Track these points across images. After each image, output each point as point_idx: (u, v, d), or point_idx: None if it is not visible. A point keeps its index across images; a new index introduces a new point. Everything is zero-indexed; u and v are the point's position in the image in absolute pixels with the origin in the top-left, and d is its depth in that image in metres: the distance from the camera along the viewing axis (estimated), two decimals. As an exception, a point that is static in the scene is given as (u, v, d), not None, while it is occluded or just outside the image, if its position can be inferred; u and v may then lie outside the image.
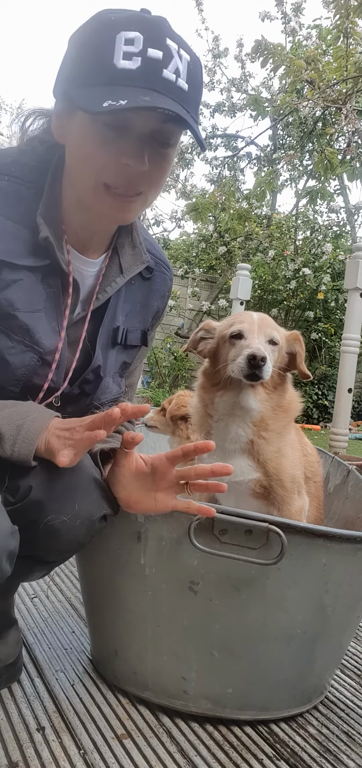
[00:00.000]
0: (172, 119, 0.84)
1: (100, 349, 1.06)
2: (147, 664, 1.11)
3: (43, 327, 0.96)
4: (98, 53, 0.82)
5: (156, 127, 0.86)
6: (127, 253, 1.07)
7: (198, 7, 7.69)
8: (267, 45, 5.13)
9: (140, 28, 0.80)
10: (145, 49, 0.80)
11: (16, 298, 0.93)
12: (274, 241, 7.80)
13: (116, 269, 1.06)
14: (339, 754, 1.06)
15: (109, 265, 1.05)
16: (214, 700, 1.08)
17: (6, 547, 0.88)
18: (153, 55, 0.80)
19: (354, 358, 4.10)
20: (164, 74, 0.81)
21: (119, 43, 0.80)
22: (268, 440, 1.31)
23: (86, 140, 0.87)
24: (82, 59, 0.84)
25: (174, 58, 0.82)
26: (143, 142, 0.86)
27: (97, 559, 1.15)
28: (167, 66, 0.81)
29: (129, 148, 0.85)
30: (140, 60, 0.80)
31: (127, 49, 0.80)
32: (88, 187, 0.90)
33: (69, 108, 0.89)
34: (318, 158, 5.87)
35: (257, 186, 6.47)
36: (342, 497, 1.59)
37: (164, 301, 1.18)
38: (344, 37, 4.88)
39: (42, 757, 0.96)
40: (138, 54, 0.80)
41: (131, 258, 1.07)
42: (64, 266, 0.97)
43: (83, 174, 0.90)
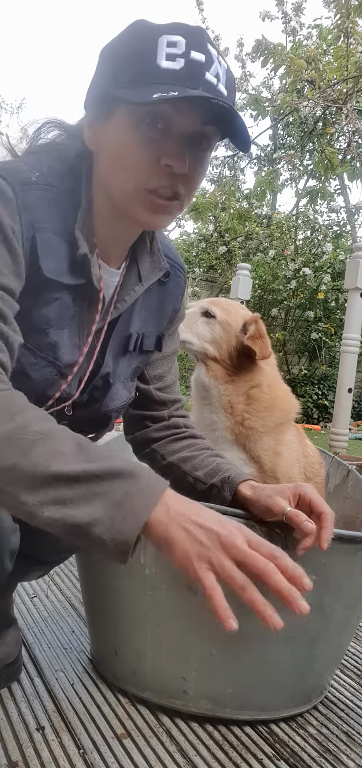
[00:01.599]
0: (212, 121, 0.84)
1: (111, 357, 1.04)
2: (147, 664, 1.11)
3: (65, 342, 0.95)
4: (141, 55, 0.81)
5: (197, 128, 0.85)
6: (145, 260, 1.05)
7: (199, 7, 7.68)
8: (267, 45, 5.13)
9: (181, 33, 0.81)
10: (188, 51, 0.80)
11: (52, 315, 0.92)
12: (274, 240, 7.80)
13: (135, 278, 1.04)
14: (338, 754, 1.06)
15: (128, 274, 1.03)
16: (214, 700, 1.08)
17: (8, 545, 0.88)
18: (196, 57, 0.80)
19: (354, 358, 4.10)
20: (206, 76, 0.81)
21: (162, 46, 0.80)
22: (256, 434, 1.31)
23: (126, 143, 0.86)
24: (123, 63, 0.83)
25: (215, 63, 0.82)
26: (184, 144, 0.85)
27: (97, 558, 1.15)
28: (209, 69, 0.81)
29: (170, 150, 0.84)
30: (183, 61, 0.80)
31: (170, 51, 0.80)
32: (127, 192, 0.88)
33: (106, 112, 0.87)
34: (319, 158, 5.87)
35: (257, 186, 6.46)
36: (342, 497, 1.59)
37: (178, 304, 1.16)
38: (344, 37, 4.88)
39: (42, 757, 0.96)
40: (181, 56, 0.80)
41: (150, 265, 1.05)
42: (95, 283, 0.95)
43: (122, 179, 0.88)
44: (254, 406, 1.31)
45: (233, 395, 1.30)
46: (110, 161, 0.89)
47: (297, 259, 7.30)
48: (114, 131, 0.87)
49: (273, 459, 1.31)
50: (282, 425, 1.36)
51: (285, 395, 1.39)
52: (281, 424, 1.36)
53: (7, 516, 0.89)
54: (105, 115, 0.88)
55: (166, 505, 0.72)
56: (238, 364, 1.35)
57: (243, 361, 1.34)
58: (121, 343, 1.06)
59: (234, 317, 1.37)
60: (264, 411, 1.32)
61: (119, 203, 0.91)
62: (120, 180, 0.89)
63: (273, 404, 1.34)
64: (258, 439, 1.31)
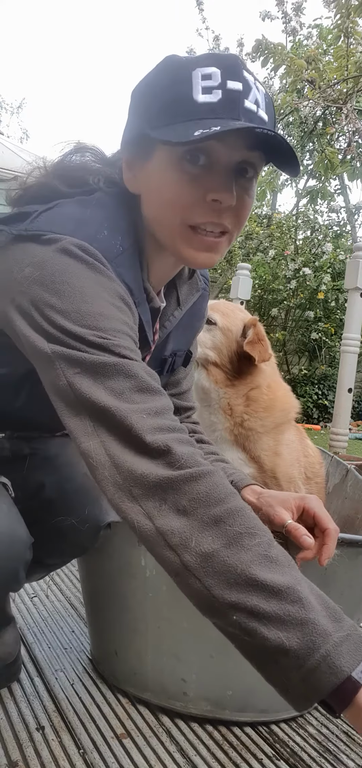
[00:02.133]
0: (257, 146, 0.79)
1: None
2: (147, 665, 1.11)
3: None
4: (175, 92, 0.77)
5: (242, 156, 0.80)
6: (184, 284, 1.02)
7: (199, 7, 7.67)
8: (267, 44, 5.13)
9: (215, 63, 0.76)
10: (224, 81, 0.75)
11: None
12: (274, 240, 7.79)
13: (174, 303, 1.00)
14: (338, 754, 1.06)
15: (167, 300, 1.00)
16: (214, 702, 1.08)
17: (24, 557, 0.88)
18: (233, 86, 0.75)
19: (354, 358, 4.10)
20: (246, 105, 0.76)
21: (196, 79, 0.75)
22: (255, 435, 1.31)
23: (168, 183, 0.80)
24: (158, 101, 0.79)
25: (253, 90, 0.78)
26: (230, 175, 0.80)
27: (98, 559, 1.15)
28: (247, 97, 0.77)
29: (216, 184, 0.78)
30: (220, 93, 0.75)
31: (206, 84, 0.75)
32: (174, 233, 0.83)
33: (144, 154, 0.83)
34: (319, 158, 5.87)
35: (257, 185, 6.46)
36: (341, 497, 1.59)
37: (204, 319, 1.14)
38: (344, 37, 4.88)
39: (42, 757, 0.96)
40: (217, 87, 0.75)
41: (188, 288, 1.02)
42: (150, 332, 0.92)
43: (167, 219, 0.83)
44: (253, 407, 1.31)
45: (233, 397, 1.30)
46: (154, 203, 0.85)
47: (297, 259, 7.29)
48: (155, 173, 0.82)
49: (273, 459, 1.31)
50: (282, 425, 1.36)
51: (284, 395, 1.39)
52: (280, 424, 1.36)
53: (24, 529, 0.89)
54: (143, 157, 0.83)
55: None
56: (239, 368, 1.36)
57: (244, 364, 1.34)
58: (156, 367, 1.02)
59: (234, 321, 1.37)
60: (264, 412, 1.32)
61: (166, 244, 0.87)
62: (166, 221, 0.84)
63: (272, 405, 1.34)
64: (258, 440, 1.31)
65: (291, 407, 1.40)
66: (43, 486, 0.91)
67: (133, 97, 0.85)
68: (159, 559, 0.66)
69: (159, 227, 0.85)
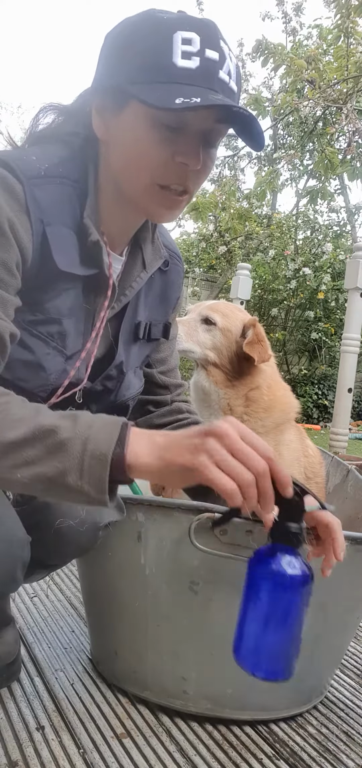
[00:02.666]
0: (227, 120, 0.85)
1: (123, 345, 1.04)
2: (146, 664, 1.11)
3: (73, 330, 0.95)
4: (155, 51, 0.80)
5: (210, 126, 0.85)
6: (148, 247, 1.06)
7: (199, 7, 7.67)
8: (267, 44, 5.13)
9: (195, 29, 0.80)
10: (203, 49, 0.80)
11: (63, 305, 0.92)
12: (274, 240, 7.80)
13: (139, 265, 1.04)
14: (338, 753, 1.06)
15: (132, 261, 1.04)
16: (214, 701, 1.08)
17: (21, 557, 0.88)
18: (210, 56, 0.80)
19: (354, 358, 4.10)
20: (220, 75, 0.81)
21: (177, 42, 0.79)
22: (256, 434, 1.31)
23: (139, 140, 0.85)
24: (137, 57, 0.82)
25: (227, 60, 0.82)
26: (198, 142, 0.85)
27: (98, 558, 1.15)
28: (222, 67, 0.82)
29: (186, 148, 0.84)
30: (199, 60, 0.80)
31: (185, 49, 0.79)
32: (141, 187, 0.89)
33: (118, 105, 0.86)
34: (319, 158, 5.87)
35: (257, 185, 6.46)
36: (342, 497, 1.59)
37: (180, 291, 1.17)
38: (345, 37, 4.88)
39: (41, 756, 0.96)
40: (196, 54, 0.80)
41: (152, 253, 1.06)
42: (106, 270, 0.95)
43: (136, 173, 0.88)
44: (253, 408, 1.31)
45: (232, 398, 1.31)
46: (123, 156, 0.89)
47: (297, 259, 7.29)
48: (128, 127, 0.86)
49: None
50: (282, 425, 1.36)
51: (284, 395, 1.38)
52: (280, 424, 1.35)
53: (21, 528, 0.89)
54: (117, 107, 0.87)
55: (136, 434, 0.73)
56: (238, 368, 1.36)
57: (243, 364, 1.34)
58: (131, 331, 1.06)
59: (234, 322, 1.37)
60: (264, 412, 1.32)
61: (131, 197, 0.92)
62: (134, 175, 0.89)
63: (272, 405, 1.34)
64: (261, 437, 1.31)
65: (291, 407, 1.39)
66: None
67: (108, 44, 0.87)
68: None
69: (125, 179, 0.90)
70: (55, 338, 0.93)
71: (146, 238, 1.05)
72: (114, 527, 1.05)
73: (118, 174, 0.91)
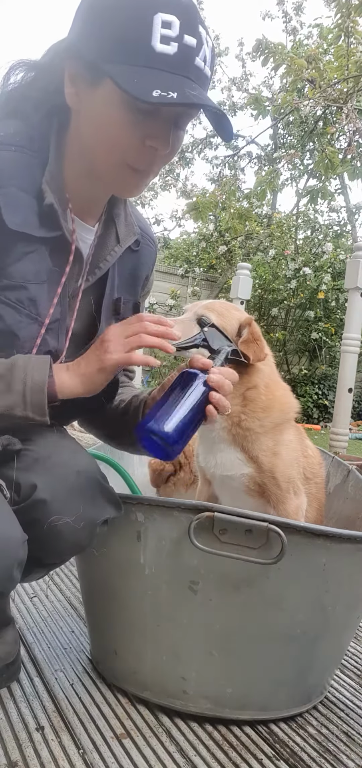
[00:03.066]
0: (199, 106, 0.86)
1: (105, 320, 1.06)
2: (146, 664, 1.10)
3: (44, 297, 0.97)
4: (135, 31, 0.81)
5: (181, 112, 0.88)
6: (122, 223, 1.08)
7: (199, 6, 7.68)
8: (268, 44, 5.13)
9: (176, 12, 0.81)
10: (182, 35, 0.81)
11: (28, 270, 0.93)
12: (275, 240, 7.79)
13: (113, 238, 1.06)
14: (338, 754, 1.06)
15: (107, 234, 1.06)
16: (214, 700, 1.08)
17: (17, 557, 0.88)
18: (188, 42, 0.82)
19: (355, 358, 4.09)
20: (196, 62, 0.83)
21: (157, 25, 0.80)
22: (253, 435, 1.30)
23: (112, 121, 0.87)
24: (116, 34, 0.82)
25: (203, 46, 0.84)
26: (170, 127, 0.88)
27: (97, 558, 1.15)
28: (199, 54, 0.83)
29: (156, 132, 0.87)
30: (177, 46, 0.81)
31: (165, 33, 0.80)
32: (110, 164, 0.92)
33: (92, 79, 0.87)
34: (319, 157, 5.86)
35: (258, 185, 6.46)
36: (342, 497, 1.59)
37: (151, 270, 1.19)
38: (345, 36, 4.88)
39: (41, 757, 0.96)
40: (175, 39, 0.81)
41: (125, 228, 1.08)
42: (67, 235, 0.97)
43: (106, 152, 0.91)
44: (251, 407, 1.30)
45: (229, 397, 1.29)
46: (94, 132, 0.91)
47: (298, 258, 7.29)
48: (101, 104, 0.88)
49: (272, 459, 1.31)
50: (281, 425, 1.35)
51: (282, 395, 1.37)
52: (279, 424, 1.34)
53: (17, 527, 0.89)
54: (91, 81, 0.88)
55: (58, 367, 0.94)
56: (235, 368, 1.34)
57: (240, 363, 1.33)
58: (110, 306, 1.09)
59: (230, 321, 1.35)
60: (262, 412, 1.31)
61: (98, 171, 0.94)
62: (103, 154, 0.91)
63: (270, 405, 1.32)
64: (256, 440, 1.30)
65: (290, 407, 1.38)
66: (35, 487, 0.91)
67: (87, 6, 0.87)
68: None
69: (95, 155, 0.93)
70: (26, 305, 0.94)
71: (119, 215, 1.08)
72: (112, 526, 1.05)
73: (87, 147, 0.93)
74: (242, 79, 8.01)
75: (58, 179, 0.95)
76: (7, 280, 0.92)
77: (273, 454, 1.31)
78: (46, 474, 0.92)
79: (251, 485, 1.31)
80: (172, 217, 8.40)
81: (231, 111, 8.45)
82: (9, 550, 0.87)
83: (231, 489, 1.33)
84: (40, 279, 0.95)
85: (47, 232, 0.94)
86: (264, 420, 1.31)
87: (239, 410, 1.29)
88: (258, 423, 1.30)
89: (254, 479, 1.30)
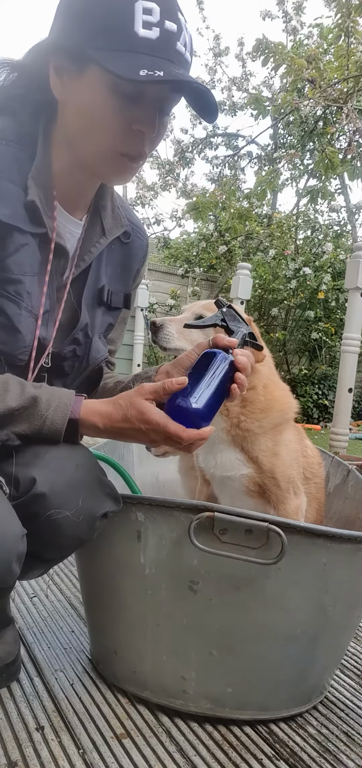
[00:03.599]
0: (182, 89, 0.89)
1: (86, 309, 1.08)
2: (146, 664, 1.10)
3: (36, 290, 0.98)
4: (117, 17, 0.83)
5: (166, 95, 0.90)
6: (108, 215, 1.09)
7: (199, 6, 7.68)
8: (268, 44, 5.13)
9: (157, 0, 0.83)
10: (163, 20, 0.83)
11: (24, 262, 0.95)
12: (275, 240, 7.79)
13: (99, 230, 1.08)
14: (338, 754, 1.06)
15: (92, 226, 1.07)
16: (214, 700, 1.08)
17: (16, 550, 0.88)
18: (169, 27, 0.84)
19: (355, 358, 4.09)
20: (177, 47, 0.86)
21: (138, 12, 0.82)
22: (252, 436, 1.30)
23: (98, 107, 0.89)
24: (99, 22, 0.84)
25: (183, 32, 0.86)
26: (155, 110, 0.90)
27: (97, 558, 1.15)
28: (179, 39, 0.86)
29: (142, 116, 0.89)
30: (159, 31, 0.83)
31: (146, 19, 0.83)
32: (100, 152, 0.93)
33: (77, 68, 0.89)
34: (319, 157, 5.86)
35: (258, 185, 6.46)
36: (342, 497, 1.59)
37: (142, 263, 1.21)
38: (345, 36, 4.88)
39: (41, 757, 0.96)
40: (156, 24, 0.83)
41: (112, 221, 1.10)
42: (49, 232, 0.98)
43: (94, 139, 0.92)
44: (249, 408, 1.30)
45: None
46: (81, 119, 0.92)
47: (298, 258, 7.29)
48: (87, 91, 0.89)
49: (271, 460, 1.31)
50: (280, 426, 1.35)
51: (281, 395, 1.37)
52: (278, 424, 1.34)
53: (16, 521, 0.90)
54: (76, 70, 0.89)
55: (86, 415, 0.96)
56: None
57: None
58: (94, 295, 1.10)
59: None
60: (260, 413, 1.31)
61: (87, 160, 0.95)
62: (91, 141, 0.92)
63: (269, 405, 1.32)
64: (255, 441, 1.30)
65: (288, 407, 1.38)
66: (34, 481, 0.91)
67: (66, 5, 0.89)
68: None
69: (83, 143, 0.94)
70: (24, 298, 0.95)
71: (105, 207, 1.09)
72: (113, 526, 1.05)
73: (74, 137, 0.95)
74: (242, 79, 8.02)
75: (45, 173, 0.97)
76: (5, 272, 0.93)
77: (273, 455, 1.31)
78: (44, 468, 0.92)
79: (251, 486, 1.31)
80: (172, 217, 8.41)
81: (231, 111, 8.45)
82: (8, 543, 0.87)
83: (231, 489, 1.33)
84: (33, 271, 0.97)
85: (35, 228, 0.96)
86: (263, 421, 1.31)
87: (238, 411, 1.29)
88: (257, 424, 1.30)
89: (254, 480, 1.31)
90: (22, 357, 0.98)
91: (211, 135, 8.57)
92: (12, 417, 0.91)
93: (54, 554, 1.02)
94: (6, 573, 0.89)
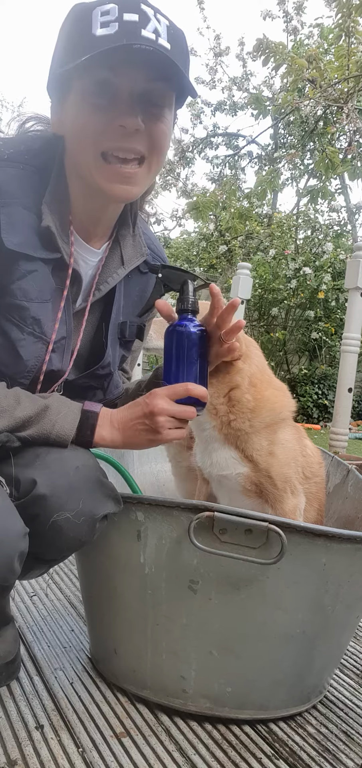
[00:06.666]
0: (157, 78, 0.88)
1: (110, 345, 1.07)
2: (146, 663, 1.10)
3: (48, 316, 0.97)
4: (78, 30, 0.86)
5: (145, 86, 0.89)
6: (128, 244, 1.08)
7: (200, 6, 7.67)
8: (268, 44, 5.12)
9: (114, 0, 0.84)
10: (121, 15, 0.83)
11: (30, 288, 0.94)
12: (275, 240, 7.79)
13: (117, 260, 1.07)
14: (337, 753, 1.06)
15: (110, 256, 1.06)
16: (213, 699, 1.08)
17: (18, 548, 0.89)
18: (129, 18, 0.83)
19: (355, 358, 4.09)
20: (143, 33, 0.84)
21: (96, 17, 0.84)
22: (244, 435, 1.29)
23: (80, 115, 0.90)
24: (65, 44, 0.88)
25: (151, 20, 0.85)
26: (134, 102, 0.89)
27: (97, 557, 1.15)
28: (145, 27, 0.84)
29: (120, 110, 0.88)
30: (117, 25, 0.83)
31: (104, 19, 0.83)
32: (89, 162, 0.92)
33: (60, 95, 0.93)
34: (320, 157, 5.86)
35: (258, 185, 6.45)
36: (342, 497, 1.59)
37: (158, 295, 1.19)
38: (346, 36, 4.87)
39: (40, 756, 0.96)
40: (114, 20, 0.83)
41: (132, 250, 1.08)
42: (65, 257, 0.98)
43: (82, 149, 0.93)
44: (238, 408, 1.28)
45: (213, 397, 1.27)
46: (72, 137, 0.94)
47: (298, 258, 7.29)
48: (71, 109, 0.92)
49: (267, 459, 1.30)
50: (274, 425, 1.33)
51: (273, 394, 1.35)
52: (271, 424, 1.33)
53: (18, 520, 0.90)
54: (61, 98, 0.93)
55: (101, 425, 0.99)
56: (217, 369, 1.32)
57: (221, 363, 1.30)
58: (116, 330, 1.10)
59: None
60: (250, 412, 1.29)
61: (85, 177, 0.96)
62: (81, 151, 0.93)
63: (258, 405, 1.30)
64: (248, 440, 1.29)
65: (281, 406, 1.36)
66: (34, 483, 0.91)
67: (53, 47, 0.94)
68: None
69: (77, 158, 0.95)
70: (29, 323, 0.95)
71: (125, 235, 1.08)
72: (113, 525, 1.05)
73: (75, 159, 0.96)
74: (243, 79, 8.01)
75: (60, 201, 0.97)
76: (10, 298, 0.93)
77: (269, 454, 1.30)
78: (45, 469, 0.93)
79: (247, 485, 1.31)
80: (172, 217, 8.40)
81: (231, 111, 8.44)
82: (10, 541, 0.87)
83: (229, 489, 1.33)
84: (44, 298, 0.96)
85: (48, 253, 0.96)
86: (254, 420, 1.30)
87: (226, 410, 1.28)
88: (248, 423, 1.29)
89: (250, 478, 1.30)
90: (22, 381, 0.99)
91: (212, 134, 8.57)
92: (23, 426, 0.93)
93: (54, 555, 1.02)
94: (7, 571, 0.89)
